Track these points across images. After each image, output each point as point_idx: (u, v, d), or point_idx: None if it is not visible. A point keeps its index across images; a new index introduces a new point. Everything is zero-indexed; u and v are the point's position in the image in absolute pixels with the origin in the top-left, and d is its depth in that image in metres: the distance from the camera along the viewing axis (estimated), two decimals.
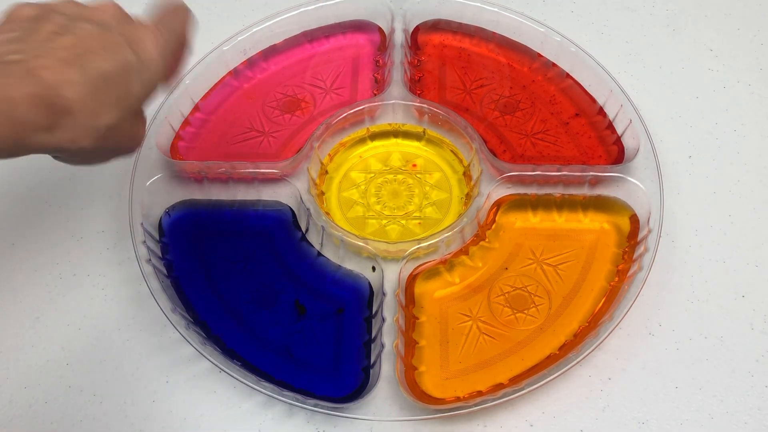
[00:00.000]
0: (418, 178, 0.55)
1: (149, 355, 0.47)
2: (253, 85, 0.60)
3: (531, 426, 0.44)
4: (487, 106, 0.58)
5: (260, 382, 0.43)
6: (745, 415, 0.44)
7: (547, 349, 0.46)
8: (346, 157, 0.56)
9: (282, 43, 0.62)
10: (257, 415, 0.45)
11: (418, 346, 0.47)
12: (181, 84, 0.57)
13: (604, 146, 0.55)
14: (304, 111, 0.58)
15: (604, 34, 0.64)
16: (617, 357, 0.46)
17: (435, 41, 0.62)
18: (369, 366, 0.45)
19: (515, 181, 0.53)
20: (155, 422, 0.45)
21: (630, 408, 0.45)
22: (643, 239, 0.49)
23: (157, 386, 0.46)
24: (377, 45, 0.62)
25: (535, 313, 0.48)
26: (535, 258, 0.50)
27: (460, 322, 0.48)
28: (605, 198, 0.52)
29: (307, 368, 0.46)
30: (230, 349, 0.46)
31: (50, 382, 0.46)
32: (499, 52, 0.61)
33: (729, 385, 0.45)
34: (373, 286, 0.49)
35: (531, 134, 0.56)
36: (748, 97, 0.59)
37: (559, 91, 0.59)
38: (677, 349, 0.47)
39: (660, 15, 0.65)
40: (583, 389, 0.45)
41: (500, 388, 0.44)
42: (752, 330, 0.47)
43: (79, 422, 0.45)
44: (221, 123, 0.58)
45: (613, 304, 0.47)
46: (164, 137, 0.55)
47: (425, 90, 0.59)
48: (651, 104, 0.58)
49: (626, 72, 0.60)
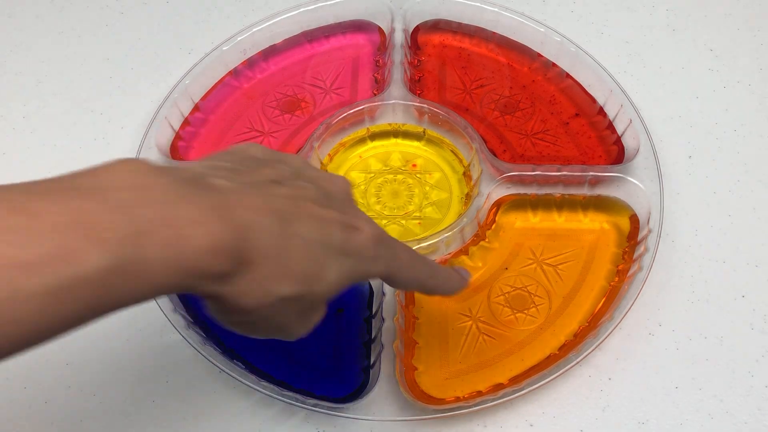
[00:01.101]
0: (418, 178, 0.55)
1: (149, 355, 0.47)
2: (253, 85, 0.60)
3: (531, 426, 0.44)
4: (487, 106, 0.58)
5: (260, 381, 0.43)
6: (745, 415, 0.44)
7: (547, 349, 0.46)
8: (346, 157, 0.56)
9: (282, 43, 0.62)
10: (257, 415, 0.45)
11: (418, 346, 0.47)
12: (181, 84, 0.58)
13: (604, 146, 0.55)
14: (304, 111, 0.58)
15: (604, 34, 0.64)
16: (617, 357, 0.46)
17: (435, 41, 0.62)
18: (369, 366, 0.45)
19: (515, 181, 0.53)
20: (155, 422, 0.45)
21: (630, 408, 0.45)
22: (643, 239, 0.49)
23: (157, 386, 0.46)
24: (377, 45, 0.62)
25: (535, 313, 0.48)
26: (535, 258, 0.50)
27: (459, 322, 0.48)
28: (605, 198, 0.52)
29: (307, 368, 0.46)
30: (230, 349, 0.46)
31: (50, 382, 0.46)
32: (499, 52, 0.61)
33: (729, 385, 0.45)
34: (373, 286, 0.49)
35: (531, 134, 0.56)
36: (748, 97, 0.59)
37: (559, 91, 0.59)
38: (677, 349, 0.47)
39: (660, 15, 0.65)
40: (583, 389, 0.45)
41: (500, 388, 0.44)
42: (752, 330, 0.47)
43: (79, 422, 0.45)
44: (221, 123, 0.58)
45: (613, 304, 0.47)
46: (164, 137, 0.55)
47: (425, 90, 0.59)
48: (651, 104, 0.58)
49: (626, 72, 0.60)
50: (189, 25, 0.65)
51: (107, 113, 0.60)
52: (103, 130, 0.58)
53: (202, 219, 0.26)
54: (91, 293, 0.24)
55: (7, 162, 0.57)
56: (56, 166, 0.61)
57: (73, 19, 0.66)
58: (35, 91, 0.61)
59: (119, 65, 0.63)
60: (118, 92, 0.61)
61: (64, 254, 0.23)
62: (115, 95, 0.61)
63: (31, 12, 0.67)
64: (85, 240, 0.23)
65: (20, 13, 0.67)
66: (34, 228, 0.23)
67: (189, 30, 0.65)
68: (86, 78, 0.62)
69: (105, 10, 0.67)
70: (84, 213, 0.24)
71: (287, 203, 0.30)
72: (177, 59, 0.62)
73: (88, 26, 0.66)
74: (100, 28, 0.66)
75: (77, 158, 0.57)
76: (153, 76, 0.62)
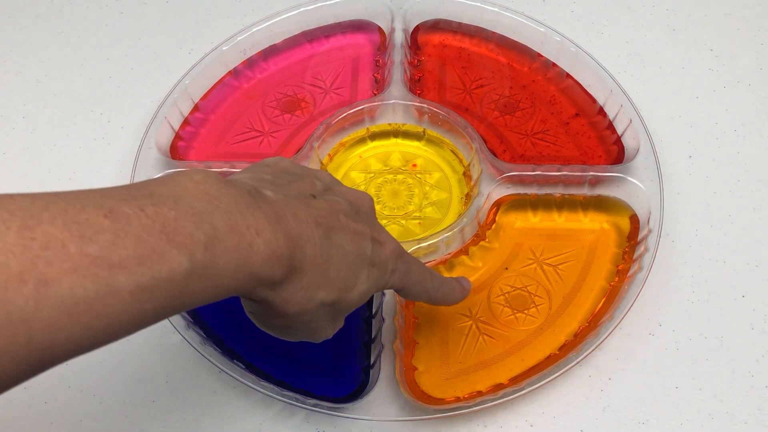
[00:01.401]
0: (418, 178, 0.55)
1: (149, 355, 0.47)
2: (252, 85, 0.60)
3: (531, 426, 0.44)
4: (487, 106, 0.58)
5: (260, 381, 0.43)
6: (745, 415, 0.44)
7: (547, 349, 0.46)
8: (346, 157, 0.56)
9: (282, 43, 0.62)
10: (257, 415, 0.45)
11: (418, 346, 0.47)
12: (181, 84, 0.58)
13: (604, 146, 0.55)
14: (304, 111, 0.58)
15: (604, 34, 0.64)
16: (617, 357, 0.46)
17: (435, 41, 0.62)
18: (369, 366, 0.45)
19: (515, 181, 0.53)
20: (155, 422, 0.45)
21: (630, 408, 0.44)
22: (643, 239, 0.49)
23: (157, 386, 0.46)
24: (377, 45, 0.62)
25: (535, 313, 0.48)
26: (535, 258, 0.50)
27: (459, 322, 0.48)
28: (605, 198, 0.52)
29: (307, 368, 0.46)
30: (230, 349, 0.46)
31: (50, 382, 0.46)
32: (499, 52, 0.61)
33: (729, 385, 0.45)
34: None
35: (531, 134, 0.56)
36: (748, 97, 0.59)
37: (559, 91, 0.59)
38: (677, 349, 0.47)
39: (660, 15, 0.65)
40: (583, 389, 0.45)
41: (500, 388, 0.44)
42: (752, 330, 0.47)
43: (79, 422, 0.45)
44: (221, 123, 0.58)
45: (613, 304, 0.47)
46: (164, 137, 0.55)
47: (425, 90, 0.59)
48: (651, 104, 0.58)
49: (626, 72, 0.60)
50: (189, 25, 0.65)
51: (107, 113, 0.60)
52: (103, 130, 0.58)
53: (263, 228, 0.29)
54: (171, 293, 0.26)
55: (7, 162, 0.57)
56: (56, 166, 0.61)
57: (73, 19, 0.66)
58: (35, 91, 0.61)
59: (119, 65, 0.63)
60: (118, 92, 0.61)
61: (150, 256, 0.25)
62: (115, 95, 0.61)
63: (31, 12, 0.67)
64: (168, 244, 0.26)
65: (20, 13, 0.67)
66: (123, 231, 0.25)
67: (189, 30, 0.65)
68: (86, 78, 0.62)
69: (105, 10, 0.67)
70: (164, 219, 0.26)
71: (326, 216, 0.32)
72: (177, 59, 0.62)
73: (88, 26, 0.66)
74: (100, 28, 0.66)
75: (77, 158, 0.57)
76: (153, 76, 0.62)
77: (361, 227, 0.34)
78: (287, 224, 0.30)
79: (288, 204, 0.31)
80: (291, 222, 0.30)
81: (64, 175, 0.56)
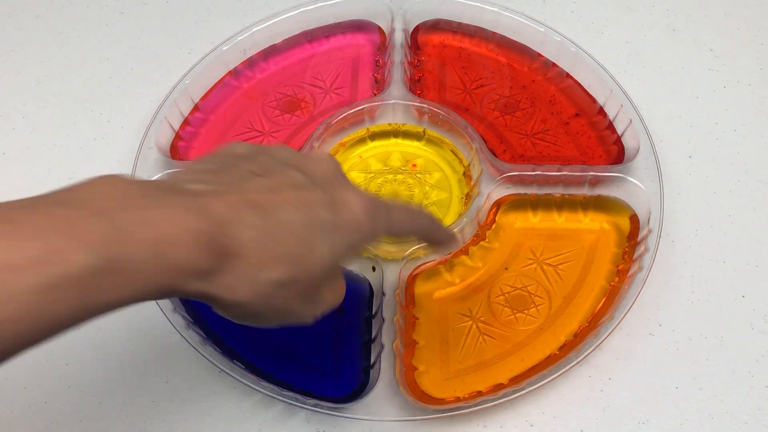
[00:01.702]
0: (418, 178, 0.55)
1: (149, 356, 0.47)
2: (253, 85, 0.60)
3: (531, 426, 0.44)
4: (487, 106, 0.58)
5: (260, 381, 0.43)
6: (745, 415, 0.44)
7: (547, 349, 0.46)
8: (346, 157, 0.56)
9: (282, 43, 0.62)
10: (257, 415, 0.45)
11: (418, 346, 0.47)
12: (181, 84, 0.58)
13: (604, 146, 0.55)
14: (304, 111, 0.58)
15: (604, 34, 0.64)
16: (617, 357, 0.46)
17: (435, 41, 0.62)
18: (369, 366, 0.45)
19: (515, 181, 0.53)
20: (155, 422, 0.45)
21: (630, 408, 0.45)
22: (643, 239, 0.49)
23: (157, 386, 0.46)
24: (377, 45, 0.62)
25: (535, 313, 0.48)
26: (535, 258, 0.50)
27: (459, 322, 0.48)
28: (605, 198, 0.52)
29: (307, 368, 0.46)
30: (230, 349, 0.46)
31: (50, 382, 0.46)
32: (499, 52, 0.61)
33: (729, 385, 0.45)
34: (373, 286, 0.49)
35: (531, 134, 0.56)
36: (748, 97, 0.59)
37: (559, 91, 0.59)
38: (677, 349, 0.47)
39: (660, 15, 0.65)
40: (583, 389, 0.45)
41: (500, 388, 0.44)
42: (752, 330, 0.47)
43: (79, 422, 0.45)
44: (221, 123, 0.58)
45: (613, 304, 0.47)
46: (164, 137, 0.55)
47: (425, 90, 0.59)
48: (651, 104, 0.58)
49: (626, 72, 0.60)
50: (189, 25, 0.65)
51: (107, 113, 0.60)
52: (103, 130, 0.58)
53: (177, 217, 0.28)
54: (79, 292, 0.25)
55: (7, 162, 0.57)
56: (56, 166, 0.61)
57: (73, 19, 0.66)
58: (35, 91, 0.61)
59: (119, 65, 0.63)
60: (118, 92, 0.61)
61: (50, 255, 0.24)
62: (115, 95, 0.61)
63: (31, 12, 0.67)
64: (69, 241, 0.24)
65: (20, 13, 0.67)
66: (20, 234, 0.24)
67: (189, 30, 0.65)
68: (86, 78, 0.62)
69: (105, 10, 0.67)
70: (67, 219, 0.25)
71: (268, 194, 0.31)
72: (177, 59, 0.62)
73: (88, 26, 0.66)
74: (100, 28, 0.66)
75: (77, 158, 0.57)
76: (153, 76, 0.62)
77: (314, 195, 0.32)
78: (210, 211, 0.29)
79: (216, 192, 0.30)
80: (215, 208, 0.29)
81: (64, 175, 0.56)
